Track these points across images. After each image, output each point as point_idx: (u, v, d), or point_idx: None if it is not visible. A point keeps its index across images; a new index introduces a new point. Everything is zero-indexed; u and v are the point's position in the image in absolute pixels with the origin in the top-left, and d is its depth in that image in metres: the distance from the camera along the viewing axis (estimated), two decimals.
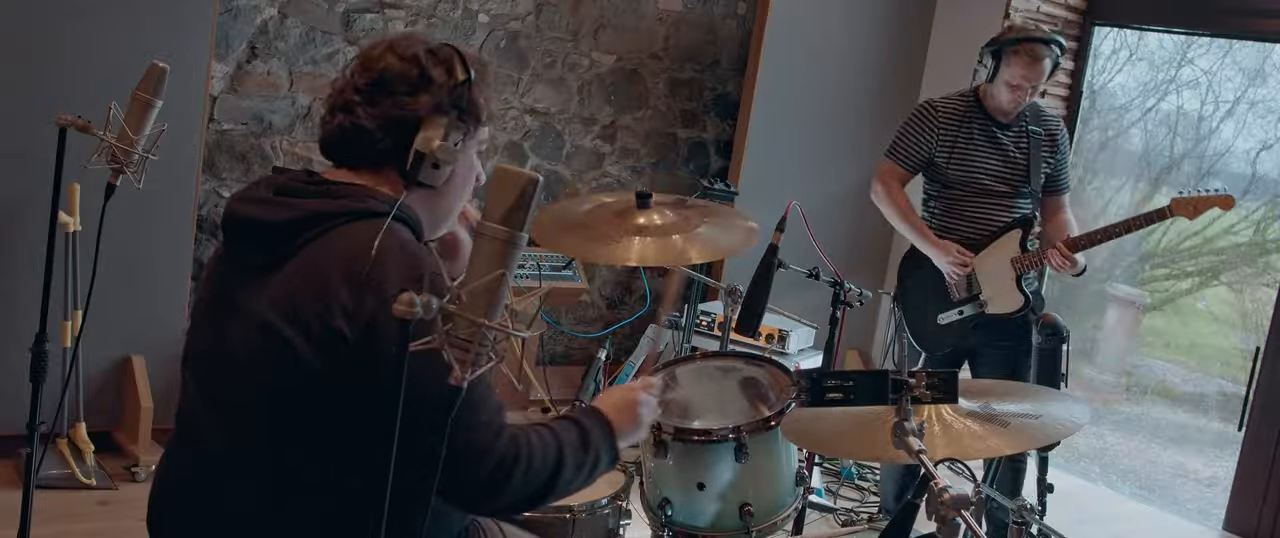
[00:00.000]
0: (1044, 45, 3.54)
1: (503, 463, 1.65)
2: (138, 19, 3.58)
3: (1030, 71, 3.54)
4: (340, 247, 1.65)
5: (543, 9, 4.73)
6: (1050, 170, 3.71)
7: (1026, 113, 3.69)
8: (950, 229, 3.74)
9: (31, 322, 2.95)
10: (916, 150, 3.74)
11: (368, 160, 1.75)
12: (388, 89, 1.71)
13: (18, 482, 3.45)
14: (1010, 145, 3.66)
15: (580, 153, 5.03)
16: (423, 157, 1.70)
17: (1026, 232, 3.65)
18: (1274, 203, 5.93)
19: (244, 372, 1.68)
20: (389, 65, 1.72)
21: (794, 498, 2.51)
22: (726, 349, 2.95)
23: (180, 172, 3.75)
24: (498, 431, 1.66)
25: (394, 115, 1.71)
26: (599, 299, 5.29)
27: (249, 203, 1.73)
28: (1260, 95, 5.94)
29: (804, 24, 4.98)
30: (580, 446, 1.79)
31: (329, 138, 1.77)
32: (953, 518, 1.61)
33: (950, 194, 3.73)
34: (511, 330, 1.41)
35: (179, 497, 1.78)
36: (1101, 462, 5.96)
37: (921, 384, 1.86)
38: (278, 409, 1.65)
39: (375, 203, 1.70)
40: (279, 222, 1.68)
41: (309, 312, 1.61)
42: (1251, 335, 5.83)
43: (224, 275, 1.78)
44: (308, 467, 1.66)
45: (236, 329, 1.70)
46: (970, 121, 3.68)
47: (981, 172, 3.67)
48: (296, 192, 1.72)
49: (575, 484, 1.79)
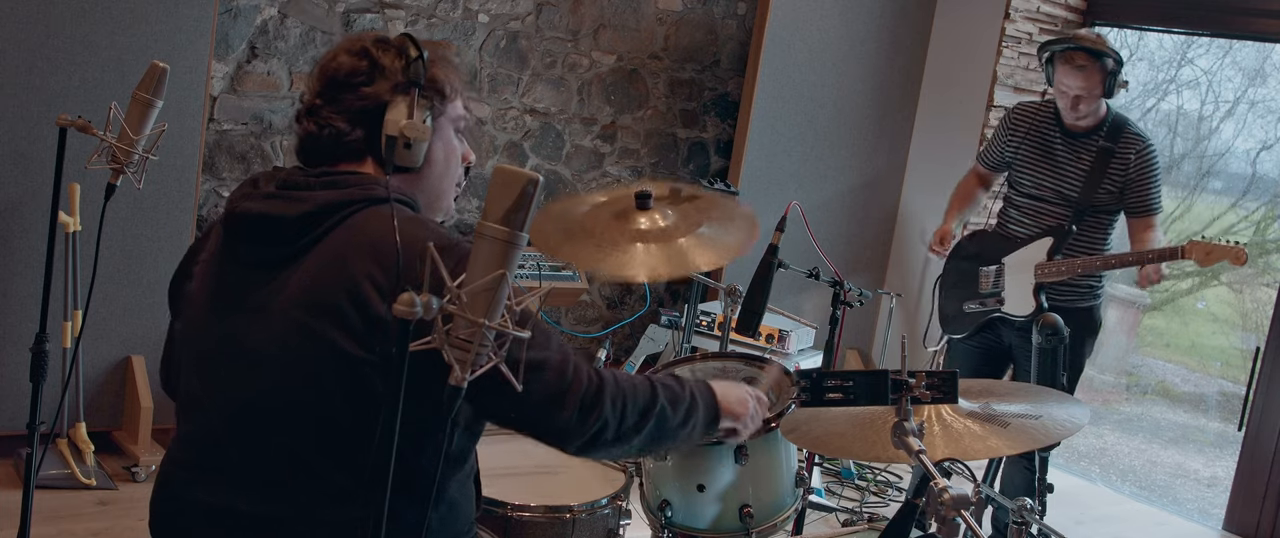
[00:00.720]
0: (1088, 55, 3.51)
1: (587, 396, 1.68)
2: (138, 19, 3.58)
3: (1072, 79, 3.55)
4: (360, 235, 1.65)
5: (543, 9, 4.73)
6: (1115, 190, 3.64)
7: (1106, 128, 3.64)
8: (1001, 225, 3.89)
9: (31, 322, 2.95)
10: (994, 148, 3.93)
11: (347, 156, 1.76)
12: (344, 85, 1.74)
13: (18, 482, 3.45)
14: (1071, 156, 3.67)
15: (580, 153, 5.03)
16: (394, 139, 1.73)
17: (1059, 242, 3.65)
18: (1274, 203, 5.93)
19: (268, 370, 1.67)
20: (341, 63, 1.76)
21: (794, 499, 2.50)
22: (726, 349, 2.95)
23: (180, 172, 3.75)
24: (566, 366, 1.68)
25: (356, 107, 1.74)
26: (599, 299, 5.29)
27: (255, 200, 1.73)
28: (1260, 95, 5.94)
29: (804, 24, 4.98)
30: (675, 384, 1.82)
31: (303, 145, 1.79)
32: (953, 518, 1.61)
33: (1009, 193, 3.88)
34: (511, 330, 1.41)
35: (184, 497, 1.77)
36: (1101, 462, 5.96)
37: (921, 384, 1.86)
38: (303, 404, 1.65)
39: (380, 190, 1.72)
40: (294, 216, 1.68)
41: (343, 299, 1.61)
42: (1251, 335, 5.83)
43: (226, 274, 1.77)
44: (326, 460, 1.65)
45: (255, 327, 1.69)
46: (1040, 126, 3.76)
47: (1034, 174, 3.74)
48: (302, 185, 1.72)
49: (677, 427, 1.82)
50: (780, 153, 5.08)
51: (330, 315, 1.61)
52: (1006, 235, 3.82)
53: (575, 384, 1.68)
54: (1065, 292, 3.69)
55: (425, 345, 1.39)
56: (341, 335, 1.61)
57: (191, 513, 1.75)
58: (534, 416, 1.68)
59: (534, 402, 1.65)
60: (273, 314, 1.67)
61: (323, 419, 1.65)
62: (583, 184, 5.06)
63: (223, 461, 1.72)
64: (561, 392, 1.67)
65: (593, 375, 1.71)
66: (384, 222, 1.64)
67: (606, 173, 5.12)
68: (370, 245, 1.63)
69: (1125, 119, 3.69)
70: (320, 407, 1.64)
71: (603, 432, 1.71)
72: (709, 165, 5.40)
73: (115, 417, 3.86)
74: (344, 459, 1.65)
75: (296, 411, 1.66)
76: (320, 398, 1.64)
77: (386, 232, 1.62)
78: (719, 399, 1.94)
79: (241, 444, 1.70)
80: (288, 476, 1.67)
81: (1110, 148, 3.62)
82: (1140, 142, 3.63)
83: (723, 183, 4.60)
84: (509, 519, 2.36)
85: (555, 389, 1.67)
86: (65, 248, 3.52)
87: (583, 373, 1.70)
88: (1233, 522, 4.66)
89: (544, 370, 1.65)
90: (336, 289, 1.62)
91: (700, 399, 1.89)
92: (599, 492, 2.51)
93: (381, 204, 1.69)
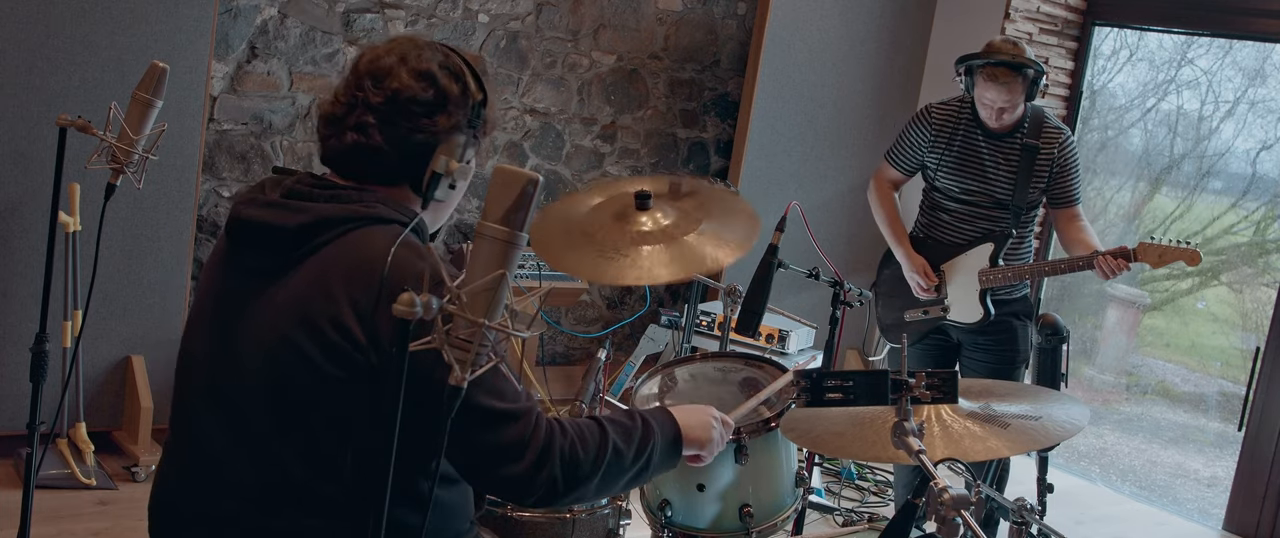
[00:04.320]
0: (1009, 69, 3.44)
1: (542, 448, 1.65)
2: (138, 19, 3.58)
3: (996, 94, 3.48)
4: (352, 253, 1.63)
5: (543, 9, 4.73)
6: (1044, 185, 3.63)
7: (1026, 125, 3.61)
8: (930, 231, 3.78)
9: (31, 322, 2.95)
10: (909, 153, 3.79)
11: (380, 179, 1.73)
12: (404, 112, 1.69)
13: (18, 482, 3.45)
14: (998, 157, 3.63)
15: (580, 153, 5.03)
16: (439, 177, 1.70)
17: (1000, 247, 3.63)
18: (1274, 203, 5.93)
19: (255, 377, 1.66)
20: (405, 84, 1.69)
21: (794, 499, 2.50)
22: (726, 349, 2.95)
23: (180, 172, 3.75)
24: (524, 415, 1.65)
25: (412, 140, 1.69)
26: (599, 299, 5.29)
27: (257, 206, 1.71)
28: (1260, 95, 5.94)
29: (804, 24, 4.98)
30: (627, 419, 1.80)
31: (338, 154, 1.73)
32: (953, 518, 1.61)
33: (934, 197, 3.78)
34: (511, 330, 1.41)
35: (182, 500, 1.76)
36: (1101, 462, 5.96)
37: (921, 384, 1.86)
38: (287, 414, 1.64)
39: (384, 209, 1.68)
40: (291, 227, 1.65)
41: (322, 318, 1.59)
42: (1251, 335, 5.82)
43: (228, 278, 1.76)
44: (312, 470, 1.65)
45: (247, 334, 1.68)
46: (961, 129, 3.68)
47: (962, 179, 3.67)
48: (305, 195, 1.69)
49: (635, 466, 1.79)
50: (780, 153, 5.08)
51: (311, 332, 1.60)
52: (940, 241, 3.74)
53: (534, 438, 1.66)
54: (1001, 285, 3.69)
55: (425, 345, 1.39)
56: (319, 352, 1.59)
57: (187, 519, 1.75)
58: (488, 466, 1.65)
59: (491, 452, 1.63)
60: (262, 324, 1.66)
61: (306, 431, 1.64)
62: (583, 184, 5.06)
63: (217, 463, 1.71)
64: (521, 444, 1.64)
65: (548, 428, 1.68)
66: (378, 244, 1.61)
67: (606, 173, 5.12)
68: (357, 266, 1.61)
69: (1042, 112, 3.66)
70: (301, 418, 1.63)
71: (555, 484, 1.68)
72: (709, 165, 5.40)
73: (115, 417, 3.86)
74: (328, 471, 1.64)
75: (280, 420, 1.65)
76: (300, 410, 1.63)
77: (378, 254, 1.59)
78: (681, 426, 1.91)
79: (233, 447, 1.69)
80: (277, 484, 1.66)
81: (1034, 145, 3.59)
82: (1062, 134, 3.63)
83: (723, 183, 4.60)
84: (509, 519, 2.36)
85: (514, 440, 1.64)
86: (65, 248, 3.52)
87: (541, 427, 1.67)
88: (1233, 522, 4.66)
89: (505, 423, 1.63)
90: (318, 306, 1.60)
91: (657, 429, 1.86)
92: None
93: (382, 224, 1.66)
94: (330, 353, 1.59)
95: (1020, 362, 3.70)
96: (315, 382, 1.60)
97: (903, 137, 3.80)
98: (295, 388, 1.62)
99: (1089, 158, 6.12)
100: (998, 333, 3.70)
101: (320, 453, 1.64)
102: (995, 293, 3.66)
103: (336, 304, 1.59)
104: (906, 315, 3.81)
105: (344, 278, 1.61)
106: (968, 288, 3.68)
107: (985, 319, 3.65)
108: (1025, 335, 3.72)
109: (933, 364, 3.81)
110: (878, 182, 3.89)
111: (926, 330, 3.79)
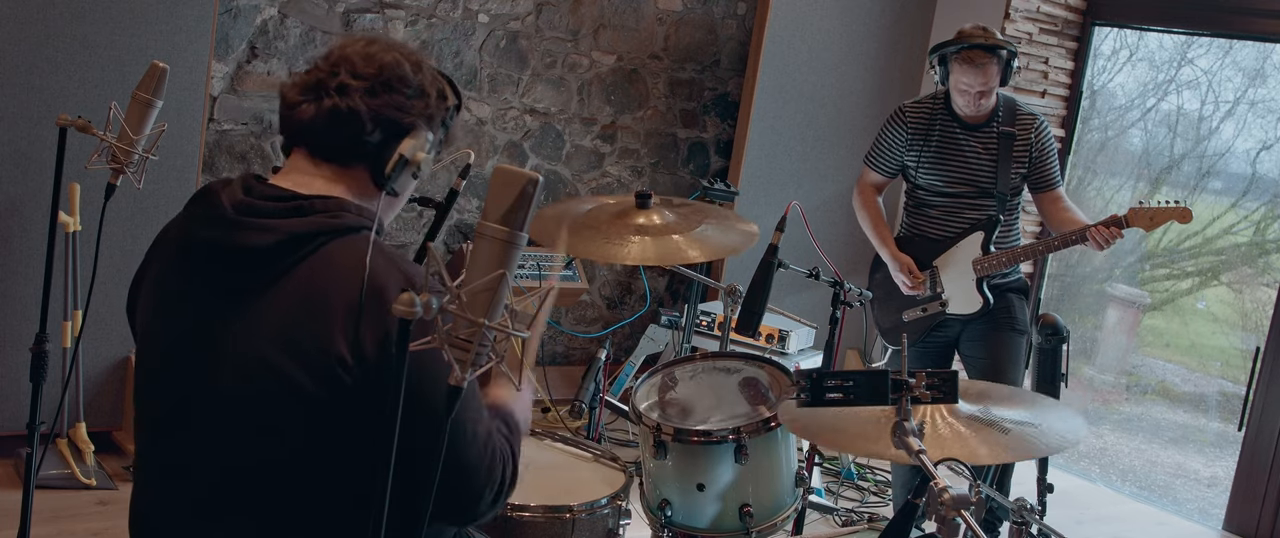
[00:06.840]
0: (984, 51, 3.52)
1: (497, 475, 1.68)
2: (138, 19, 3.58)
3: (973, 77, 3.55)
4: (332, 272, 1.59)
5: (543, 9, 4.73)
6: (1025, 170, 3.68)
7: (999, 113, 3.67)
8: (917, 229, 3.80)
9: (31, 322, 2.95)
10: (889, 154, 3.81)
11: (346, 153, 1.69)
12: (391, 86, 1.68)
13: (18, 482, 3.45)
14: (977, 147, 3.67)
15: (580, 153, 5.03)
16: (406, 163, 1.68)
17: (990, 234, 3.66)
18: (1274, 203, 5.93)
19: (240, 406, 1.62)
20: (395, 61, 1.69)
21: (794, 499, 2.51)
22: (726, 349, 2.95)
23: (180, 172, 3.75)
24: (488, 447, 1.67)
25: (391, 113, 1.68)
26: (599, 299, 5.29)
27: (211, 225, 1.64)
28: (1260, 95, 5.94)
29: (804, 24, 4.98)
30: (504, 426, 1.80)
31: (313, 119, 1.67)
32: (953, 518, 1.61)
33: (918, 194, 3.80)
34: (511, 330, 1.41)
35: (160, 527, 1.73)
36: (1101, 462, 5.96)
37: (921, 384, 1.86)
38: (273, 443, 1.61)
39: (350, 217, 1.64)
40: (263, 247, 1.60)
41: (310, 344, 1.57)
42: (1251, 335, 5.82)
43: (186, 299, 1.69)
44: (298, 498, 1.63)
45: (220, 359, 1.63)
46: (937, 123, 3.71)
47: (944, 172, 3.70)
48: (263, 211, 1.63)
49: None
50: (780, 153, 5.08)
51: (297, 356, 1.57)
52: (929, 237, 3.77)
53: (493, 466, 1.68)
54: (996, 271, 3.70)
55: (425, 345, 1.39)
56: (306, 377, 1.56)
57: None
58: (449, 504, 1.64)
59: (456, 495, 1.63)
60: (240, 346, 1.61)
61: (290, 451, 1.61)
62: (583, 184, 5.06)
63: (198, 491, 1.67)
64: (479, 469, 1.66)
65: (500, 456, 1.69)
66: (353, 259, 1.58)
67: (606, 173, 5.12)
68: (343, 286, 1.58)
69: (1014, 100, 3.73)
70: (283, 440, 1.60)
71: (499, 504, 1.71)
72: (709, 165, 5.40)
73: (115, 417, 3.86)
74: (312, 489, 1.62)
75: (266, 445, 1.61)
76: (283, 433, 1.60)
77: (356, 272, 1.57)
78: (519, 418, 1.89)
79: (216, 476, 1.65)
80: (261, 504, 1.63)
81: (1010, 131, 3.66)
82: (1035, 119, 3.70)
83: (723, 183, 4.60)
84: (509, 519, 2.36)
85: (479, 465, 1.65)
86: (65, 248, 3.52)
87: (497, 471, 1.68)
88: (1233, 522, 4.66)
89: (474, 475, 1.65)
90: (306, 330, 1.57)
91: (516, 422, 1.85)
92: (599, 492, 2.50)
93: (352, 233, 1.64)
94: (320, 378, 1.56)
95: (1019, 331, 3.71)
96: (300, 405, 1.57)
97: (880, 139, 3.84)
98: (279, 410, 1.59)
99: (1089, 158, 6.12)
100: (995, 309, 3.72)
101: (300, 474, 1.61)
102: (991, 279, 3.69)
103: (325, 329, 1.56)
104: (904, 316, 3.82)
105: (329, 300, 1.58)
106: (964, 279, 3.69)
107: (985, 307, 3.67)
108: (1022, 309, 3.76)
109: (933, 362, 3.83)
110: (861, 187, 3.93)
111: (927, 327, 3.80)
